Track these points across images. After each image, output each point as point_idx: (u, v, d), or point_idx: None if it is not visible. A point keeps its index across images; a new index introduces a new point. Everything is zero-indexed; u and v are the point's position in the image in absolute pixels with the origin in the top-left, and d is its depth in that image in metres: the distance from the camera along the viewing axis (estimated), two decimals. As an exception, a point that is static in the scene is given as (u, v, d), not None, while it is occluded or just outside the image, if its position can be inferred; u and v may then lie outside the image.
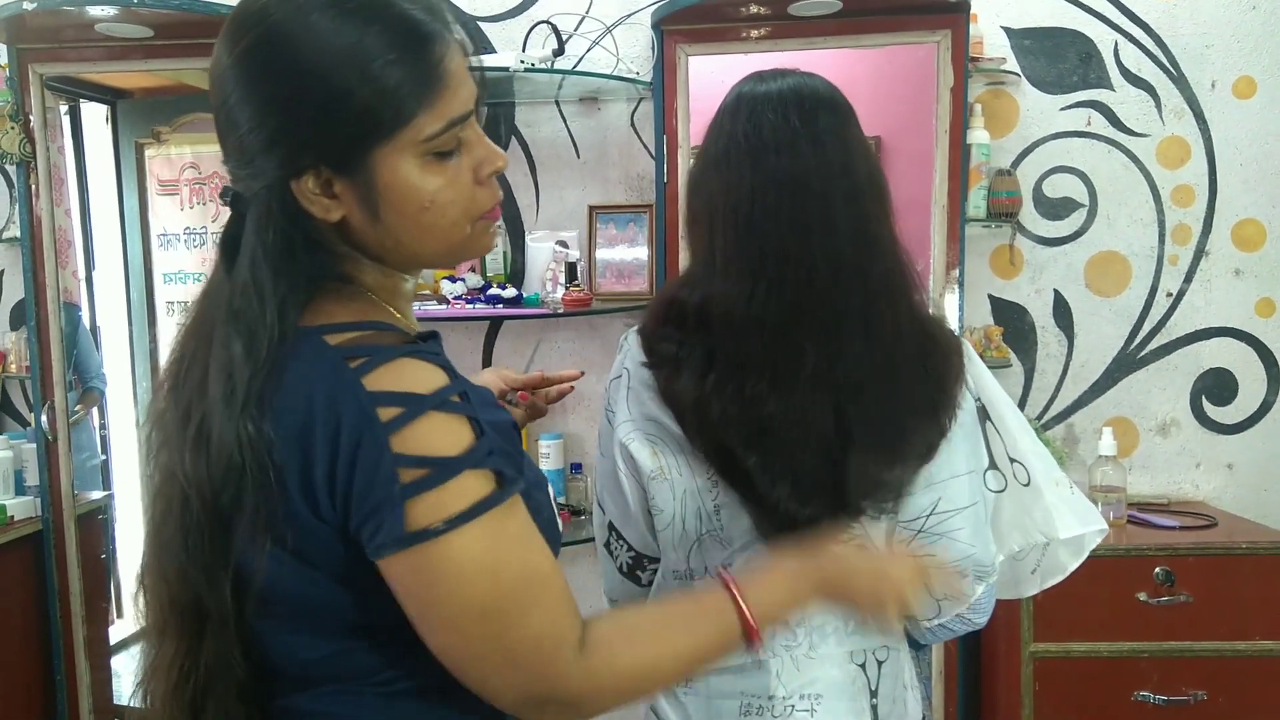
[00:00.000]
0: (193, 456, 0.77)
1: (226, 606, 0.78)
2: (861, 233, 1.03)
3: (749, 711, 1.07)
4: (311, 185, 0.78)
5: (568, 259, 2.39)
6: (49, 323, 2.39)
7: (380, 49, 0.74)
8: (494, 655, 0.77)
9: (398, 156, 0.77)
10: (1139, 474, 2.45)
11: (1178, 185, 2.41)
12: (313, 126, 0.75)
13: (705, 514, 1.07)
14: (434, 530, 0.73)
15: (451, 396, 0.76)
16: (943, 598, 1.02)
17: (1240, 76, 2.37)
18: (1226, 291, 2.42)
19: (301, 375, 0.75)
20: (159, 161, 2.81)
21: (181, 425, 0.79)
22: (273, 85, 0.75)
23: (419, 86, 0.76)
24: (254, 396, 0.74)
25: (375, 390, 0.74)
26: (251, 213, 0.78)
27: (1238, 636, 2.04)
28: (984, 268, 2.44)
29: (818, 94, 1.05)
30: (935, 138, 2.20)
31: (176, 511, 0.78)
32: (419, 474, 0.73)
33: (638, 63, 2.42)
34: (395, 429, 0.73)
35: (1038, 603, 2.05)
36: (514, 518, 0.78)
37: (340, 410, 0.73)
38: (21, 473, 2.47)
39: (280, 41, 0.75)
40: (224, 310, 0.78)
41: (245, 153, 0.77)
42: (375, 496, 0.73)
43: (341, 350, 0.76)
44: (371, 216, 0.79)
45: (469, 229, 0.83)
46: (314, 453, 0.74)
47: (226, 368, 0.76)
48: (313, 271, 0.81)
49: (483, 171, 0.82)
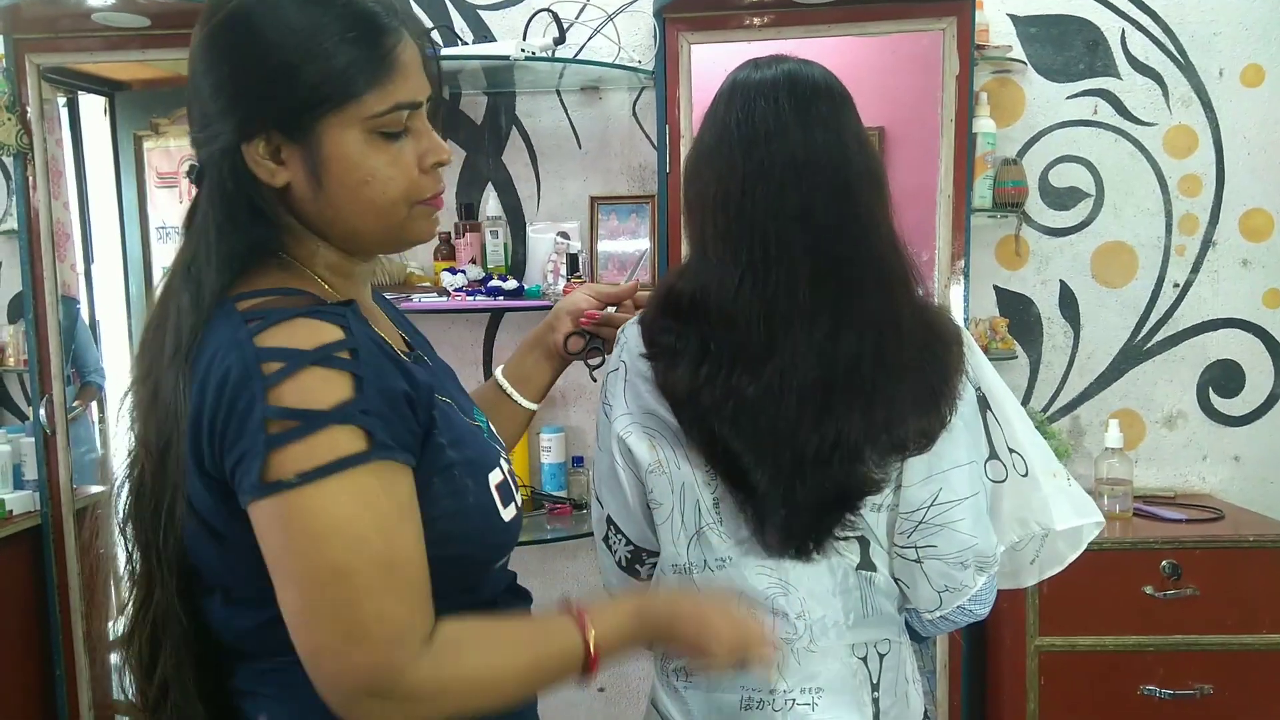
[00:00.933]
0: (145, 414, 0.83)
1: (165, 566, 0.82)
2: (854, 222, 1.01)
3: (750, 706, 1.05)
4: (261, 150, 0.82)
5: (569, 250, 2.37)
6: (47, 316, 2.37)
7: (337, 29, 0.81)
8: (334, 626, 0.74)
9: (344, 129, 0.82)
10: (1145, 466, 2.43)
11: (1185, 175, 2.38)
12: (268, 92, 0.81)
13: (704, 508, 1.05)
14: (288, 482, 0.73)
15: (338, 352, 0.77)
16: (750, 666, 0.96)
17: (1248, 64, 2.35)
18: (1234, 282, 2.40)
19: (208, 337, 0.79)
20: (157, 154, 2.80)
21: (143, 387, 0.84)
22: (235, 56, 0.81)
23: (369, 66, 0.82)
24: (184, 355, 0.79)
25: (262, 346, 0.76)
26: (206, 178, 0.84)
27: (1245, 630, 2.03)
28: (989, 258, 2.42)
29: (812, 81, 1.04)
30: (940, 127, 2.18)
31: (135, 470, 0.85)
32: (286, 425, 0.74)
33: (639, 51, 2.40)
34: (274, 383, 0.75)
35: (1043, 596, 2.04)
36: (384, 485, 0.76)
37: (228, 366, 0.76)
38: (20, 467, 2.46)
39: (246, 17, 0.81)
40: (177, 271, 0.84)
41: (204, 118, 0.83)
42: (243, 446, 0.74)
43: (245, 314, 0.80)
44: (315, 184, 0.83)
45: (407, 211, 0.87)
46: (203, 410, 0.77)
47: (175, 325, 0.81)
48: (254, 241, 0.85)
49: (426, 160, 0.87)
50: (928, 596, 1.05)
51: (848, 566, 1.05)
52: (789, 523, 1.00)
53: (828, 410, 0.99)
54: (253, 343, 0.76)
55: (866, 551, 1.05)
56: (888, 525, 1.05)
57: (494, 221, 2.43)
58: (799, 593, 1.04)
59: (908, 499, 1.03)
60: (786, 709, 1.04)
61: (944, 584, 1.04)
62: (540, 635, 0.86)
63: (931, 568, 1.03)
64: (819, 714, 1.04)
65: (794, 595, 1.04)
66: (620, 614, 0.90)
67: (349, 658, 0.74)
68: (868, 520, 1.04)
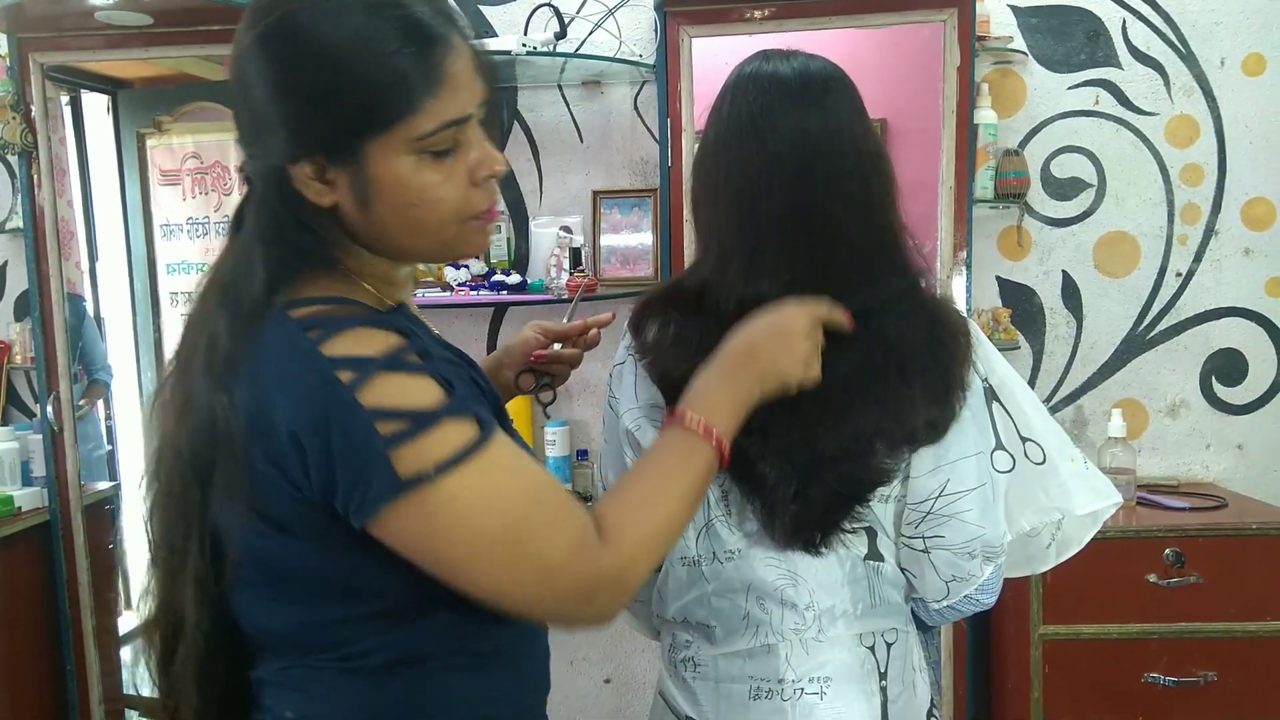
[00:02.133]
0: (178, 421, 0.82)
1: (198, 564, 0.83)
2: (864, 214, 1.02)
3: (758, 695, 1.06)
4: (308, 170, 0.80)
5: (572, 244, 2.38)
6: (53, 314, 2.38)
7: (385, 43, 0.77)
8: (526, 572, 0.79)
9: (391, 150, 0.79)
10: (1148, 455, 2.44)
11: (1187, 164, 2.39)
12: (314, 113, 0.78)
13: (712, 500, 1.06)
14: (426, 476, 0.75)
15: (407, 356, 0.79)
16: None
17: (1250, 53, 2.35)
18: (1236, 271, 2.40)
19: (264, 345, 0.78)
20: (161, 151, 2.80)
21: (176, 392, 0.83)
22: (282, 69, 0.78)
23: (417, 84, 0.78)
24: (229, 363, 0.78)
25: (332, 355, 0.76)
26: (254, 191, 0.83)
27: (1248, 617, 2.03)
28: (992, 249, 2.43)
29: (820, 74, 1.04)
30: (942, 118, 2.18)
31: (165, 471, 0.84)
32: (398, 425, 0.75)
33: (640, 45, 2.40)
34: (357, 387, 0.75)
35: (1047, 585, 2.04)
36: (501, 449, 0.81)
37: (301, 377, 0.76)
38: (28, 464, 2.47)
39: (295, 28, 0.77)
40: (218, 282, 0.83)
41: (253, 133, 0.82)
42: (359, 455, 0.75)
43: (301, 322, 0.79)
44: (362, 206, 0.81)
45: (458, 228, 0.85)
46: (275, 420, 0.76)
47: (212, 335, 0.80)
48: (303, 252, 0.83)
49: (479, 174, 0.84)
50: (935, 586, 1.06)
51: (855, 557, 1.06)
52: (799, 517, 1.01)
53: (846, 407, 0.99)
54: (319, 351, 0.76)
55: (874, 542, 1.06)
56: (895, 516, 1.06)
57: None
58: (807, 584, 1.05)
59: (915, 490, 1.04)
60: (795, 698, 1.05)
61: (951, 574, 1.05)
62: (676, 465, 0.90)
63: (939, 558, 1.04)
64: (827, 703, 1.05)
65: (802, 586, 1.05)
66: (719, 394, 0.94)
67: (554, 588, 0.81)
68: (875, 511, 1.04)
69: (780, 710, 1.05)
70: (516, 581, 0.80)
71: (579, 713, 2.58)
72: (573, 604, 0.83)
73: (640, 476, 0.91)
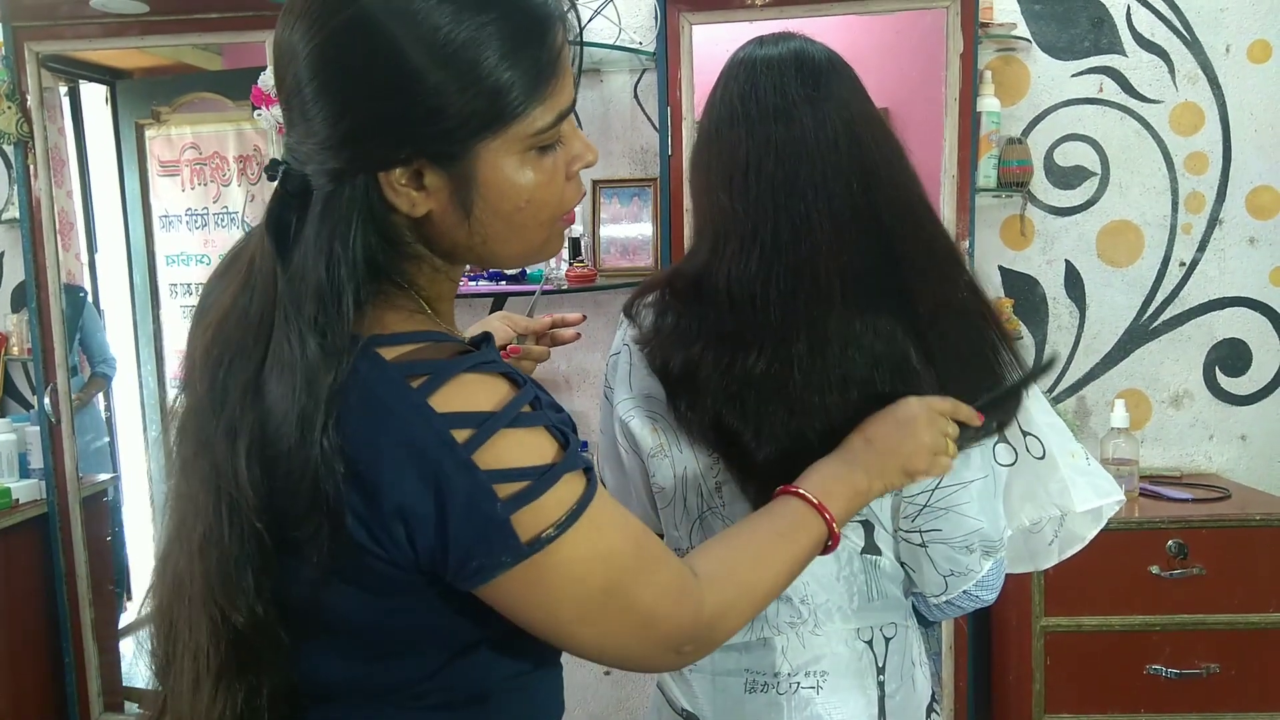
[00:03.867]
0: (250, 472, 0.70)
1: (278, 632, 0.73)
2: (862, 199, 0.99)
3: (754, 689, 1.05)
4: (402, 178, 0.72)
5: (571, 234, 2.37)
6: (50, 305, 2.38)
7: (499, 39, 0.69)
8: (628, 627, 0.77)
9: (504, 151, 0.72)
10: (1151, 446, 2.42)
11: (1191, 152, 2.36)
12: (417, 118, 0.69)
13: (706, 492, 1.05)
14: (547, 537, 0.71)
15: (523, 408, 0.72)
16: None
17: (1255, 40, 2.32)
18: (1240, 260, 2.38)
19: (362, 393, 0.69)
20: (159, 142, 2.79)
21: (230, 435, 0.71)
22: (371, 74, 0.69)
23: (536, 78, 0.71)
24: (333, 410, 0.68)
25: (446, 412, 0.69)
26: (327, 202, 0.71)
27: (1251, 609, 2.02)
28: (994, 239, 2.41)
29: (816, 58, 1.02)
30: (944, 106, 2.16)
31: (224, 531, 0.71)
32: (517, 487, 0.70)
33: (640, 33, 2.38)
34: (475, 448, 0.68)
35: (1049, 577, 2.03)
36: (604, 501, 0.77)
37: (412, 436, 0.68)
38: (26, 455, 2.47)
39: (384, 25, 0.68)
40: (289, 309, 0.70)
41: (325, 140, 0.70)
42: (477, 523, 0.69)
43: (400, 367, 0.70)
44: (463, 213, 0.73)
45: (550, 229, 0.79)
46: (381, 478, 0.68)
47: (304, 375, 0.68)
48: (381, 271, 0.74)
49: (574, 166, 0.78)
50: (933, 581, 1.05)
51: (852, 550, 1.04)
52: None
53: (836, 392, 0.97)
54: (431, 407, 0.68)
55: (871, 536, 1.05)
56: (892, 510, 1.04)
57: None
58: (802, 577, 1.03)
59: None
60: (791, 692, 1.04)
61: (949, 568, 1.03)
62: (788, 526, 0.89)
63: (936, 551, 1.03)
64: (823, 697, 1.04)
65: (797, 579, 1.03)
66: (836, 485, 0.93)
67: (654, 638, 0.78)
68: (871, 505, 1.03)
69: (776, 704, 1.04)
70: (617, 634, 0.77)
71: (579, 706, 2.58)
72: (663, 653, 0.81)
73: (745, 533, 0.89)
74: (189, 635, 0.75)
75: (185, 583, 0.74)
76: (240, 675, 0.74)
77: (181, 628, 0.76)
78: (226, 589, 0.72)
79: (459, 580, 0.71)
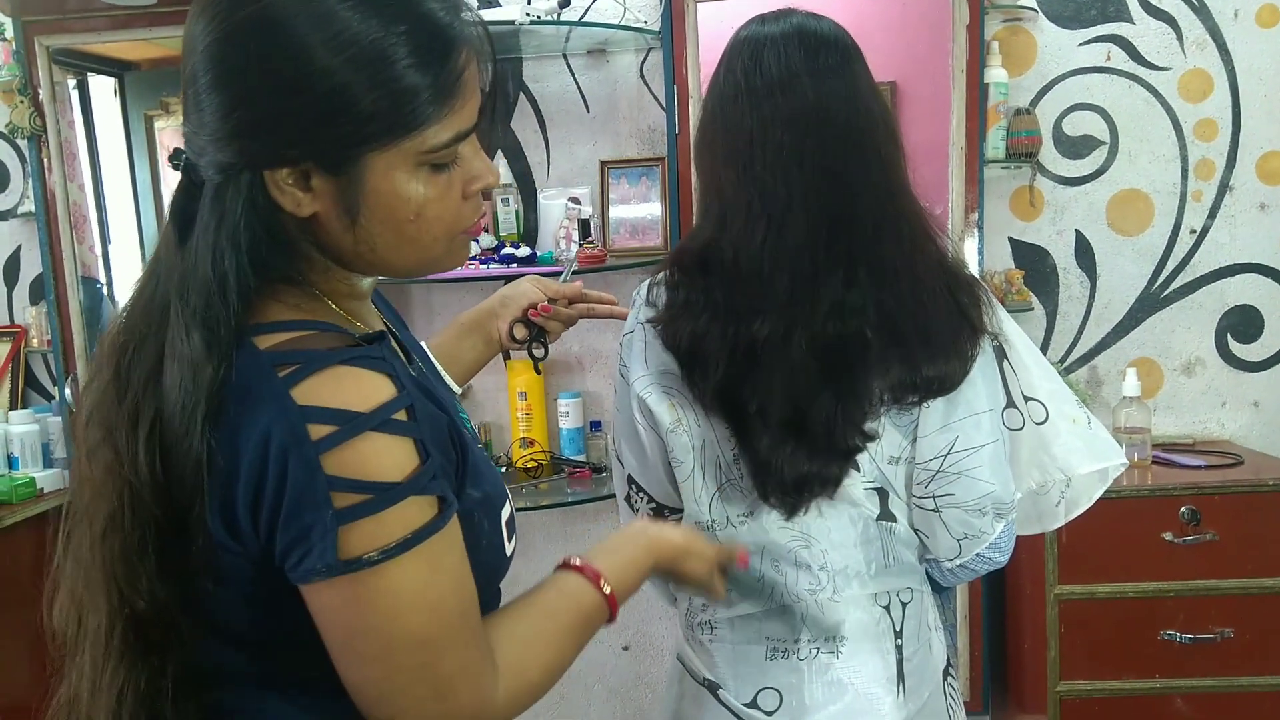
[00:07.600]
0: (149, 460, 0.70)
1: (179, 618, 0.73)
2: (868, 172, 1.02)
3: (774, 655, 1.07)
4: (288, 177, 0.72)
5: (581, 216, 2.38)
6: (68, 296, 2.41)
7: (401, 51, 0.69)
8: (421, 687, 0.73)
9: (395, 164, 0.72)
10: (1164, 414, 2.43)
11: (1200, 119, 2.36)
12: (312, 119, 0.70)
13: (724, 464, 1.07)
14: (369, 560, 0.68)
15: (396, 414, 0.70)
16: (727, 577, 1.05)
17: (1264, 5, 2.31)
18: (1251, 227, 2.38)
19: (235, 383, 0.70)
20: (169, 133, 2.80)
21: (131, 422, 0.72)
22: (267, 70, 0.69)
23: (437, 94, 0.72)
24: (214, 403, 0.69)
25: (306, 405, 0.68)
26: (215, 193, 0.72)
27: (1264, 574, 2.03)
28: (1004, 210, 2.41)
29: (820, 33, 1.04)
30: (952, 78, 2.16)
31: (125, 517, 0.72)
32: (356, 499, 0.68)
33: (645, 12, 2.38)
34: (328, 448, 0.67)
35: (1062, 545, 2.05)
36: (451, 545, 0.74)
37: (269, 426, 0.68)
38: (49, 445, 2.50)
39: (283, 24, 0.68)
40: (179, 299, 0.72)
41: (214, 133, 0.71)
42: (304, 520, 0.68)
43: (272, 356, 0.70)
44: (349, 219, 0.74)
45: (447, 244, 0.79)
46: (237, 469, 0.68)
47: (190, 367, 0.69)
48: (268, 265, 0.74)
49: (472, 187, 0.79)
50: (947, 545, 1.06)
51: (868, 517, 1.06)
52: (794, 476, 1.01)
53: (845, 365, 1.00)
54: (292, 398, 0.68)
55: (885, 503, 1.06)
56: (905, 477, 1.06)
57: (505, 189, 2.43)
58: (820, 544, 1.06)
59: (923, 449, 1.04)
60: (811, 658, 1.06)
61: (963, 531, 1.05)
62: (568, 611, 0.87)
63: (950, 516, 1.05)
64: (843, 662, 1.06)
65: (815, 548, 1.06)
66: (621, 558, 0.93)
67: (436, 711, 0.74)
68: (885, 473, 1.05)
69: (796, 669, 1.06)
70: (405, 691, 0.72)
71: (598, 681, 2.61)
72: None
73: (534, 615, 0.85)
74: (91, 617, 0.75)
75: (88, 565, 0.75)
76: (144, 657, 0.74)
77: (85, 608, 0.76)
78: (128, 573, 0.72)
79: (290, 575, 0.70)
